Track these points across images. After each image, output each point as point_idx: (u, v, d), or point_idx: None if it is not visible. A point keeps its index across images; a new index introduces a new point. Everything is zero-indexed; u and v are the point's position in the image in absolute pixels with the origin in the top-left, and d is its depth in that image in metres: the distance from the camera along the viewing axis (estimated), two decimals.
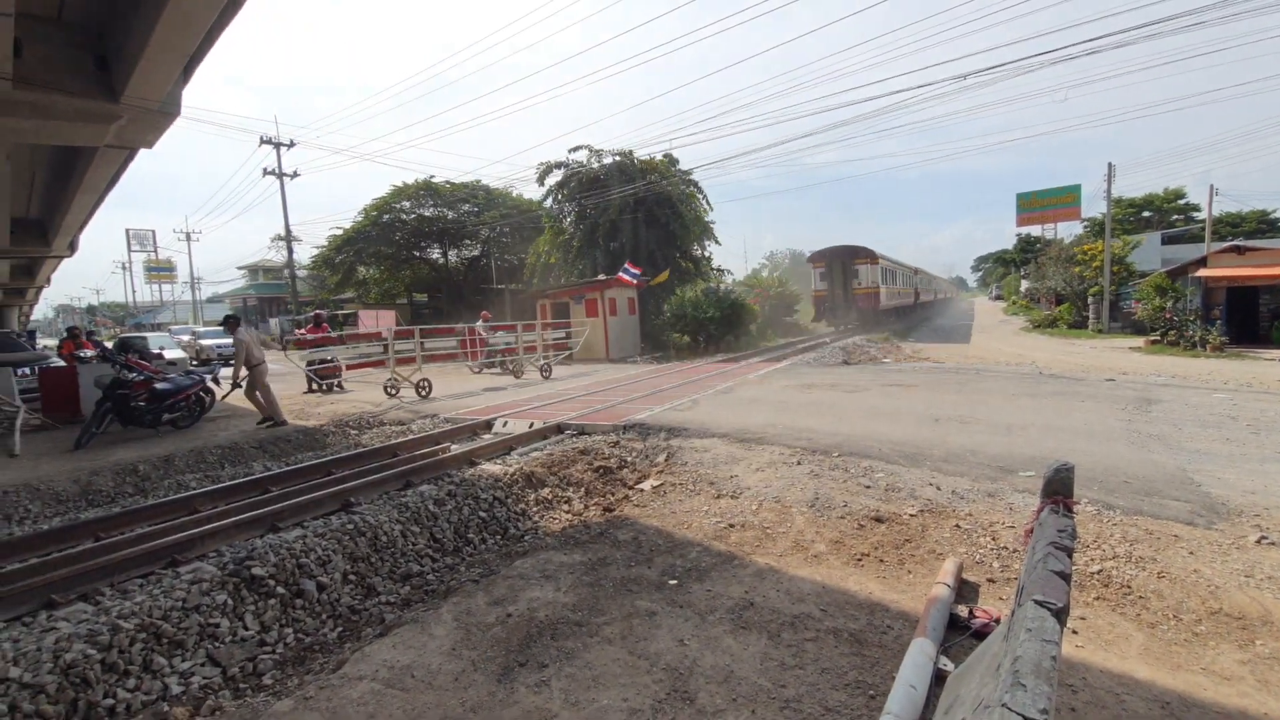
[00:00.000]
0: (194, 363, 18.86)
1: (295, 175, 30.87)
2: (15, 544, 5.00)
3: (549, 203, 26.64)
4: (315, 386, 13.70)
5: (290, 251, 32.80)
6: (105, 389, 8.82)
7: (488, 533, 5.49)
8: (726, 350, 20.41)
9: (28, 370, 12.92)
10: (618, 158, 24.90)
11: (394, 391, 12.09)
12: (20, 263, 25.86)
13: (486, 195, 35.10)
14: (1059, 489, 2.33)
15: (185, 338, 27.50)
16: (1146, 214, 47.83)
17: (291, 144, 30.29)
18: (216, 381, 10.13)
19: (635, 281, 20.21)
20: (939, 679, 2.75)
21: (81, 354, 14.45)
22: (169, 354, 19.19)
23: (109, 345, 17.75)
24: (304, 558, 4.43)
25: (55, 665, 3.13)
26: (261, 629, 3.85)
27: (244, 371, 9.66)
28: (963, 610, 3.41)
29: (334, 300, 38.25)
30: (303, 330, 14.77)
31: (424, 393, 11.93)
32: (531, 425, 8.34)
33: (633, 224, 23.78)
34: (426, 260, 36.99)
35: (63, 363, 13.51)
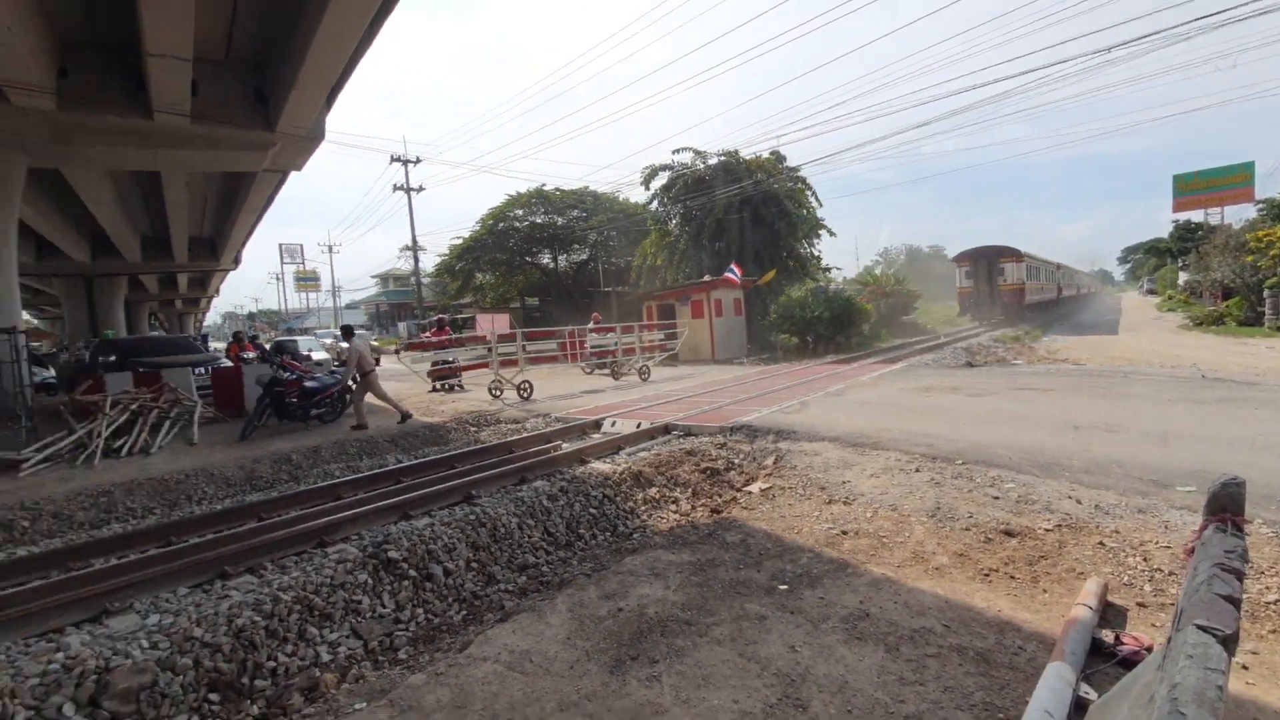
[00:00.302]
0: (336, 363, 20.74)
1: (421, 189, 33.34)
2: (196, 521, 5.76)
3: (654, 205, 26.89)
4: (437, 386, 14.66)
5: (416, 260, 35.47)
6: (264, 387, 9.94)
7: (598, 529, 5.66)
8: (837, 351, 19.71)
9: (202, 370, 14.72)
10: (723, 158, 24.72)
11: (498, 393, 12.49)
12: (195, 276, 29.77)
13: (594, 200, 36.10)
14: (1227, 505, 2.09)
15: (328, 341, 30.24)
16: None
17: (418, 160, 32.69)
18: (355, 381, 11.11)
19: (740, 281, 19.98)
20: (1079, 707, 2.53)
21: (245, 356, 16.32)
22: (315, 355, 21.27)
23: (267, 348, 19.92)
24: (432, 544, 4.77)
25: (229, 628, 3.58)
26: (396, 608, 4.20)
27: (355, 375, 10.53)
28: (1107, 635, 3.12)
29: (454, 305, 40.73)
30: (428, 334, 15.88)
31: (525, 394, 12.28)
32: (639, 425, 8.48)
33: (739, 224, 23.51)
34: (537, 265, 38.59)
35: (230, 364, 15.27)
